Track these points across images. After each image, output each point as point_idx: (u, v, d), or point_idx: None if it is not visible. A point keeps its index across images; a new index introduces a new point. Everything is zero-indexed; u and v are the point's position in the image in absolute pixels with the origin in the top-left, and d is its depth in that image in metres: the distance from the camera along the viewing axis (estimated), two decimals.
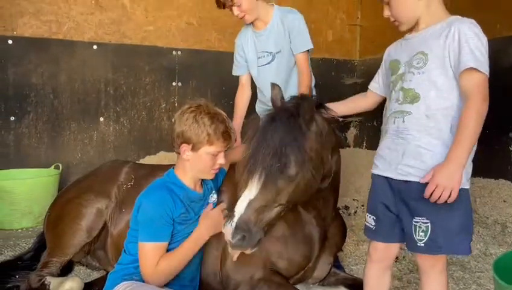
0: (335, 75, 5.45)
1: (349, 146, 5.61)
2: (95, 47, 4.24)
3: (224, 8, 2.53)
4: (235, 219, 1.61)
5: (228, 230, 1.61)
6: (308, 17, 2.76)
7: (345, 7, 5.52)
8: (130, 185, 2.40)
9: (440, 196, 1.51)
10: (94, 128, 4.29)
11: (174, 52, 4.57)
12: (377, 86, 1.97)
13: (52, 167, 3.86)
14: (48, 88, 4.08)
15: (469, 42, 1.55)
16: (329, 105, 1.92)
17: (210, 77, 4.70)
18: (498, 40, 3.59)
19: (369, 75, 2.03)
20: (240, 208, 1.63)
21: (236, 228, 1.59)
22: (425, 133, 1.63)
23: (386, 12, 1.76)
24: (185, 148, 1.86)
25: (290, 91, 2.64)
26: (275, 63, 2.66)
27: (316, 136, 1.75)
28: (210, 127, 1.83)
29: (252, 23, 2.65)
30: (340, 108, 2.00)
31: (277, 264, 2.03)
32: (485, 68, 1.54)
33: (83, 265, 2.56)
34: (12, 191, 3.39)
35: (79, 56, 4.19)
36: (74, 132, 4.20)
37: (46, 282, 2.20)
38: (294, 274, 2.09)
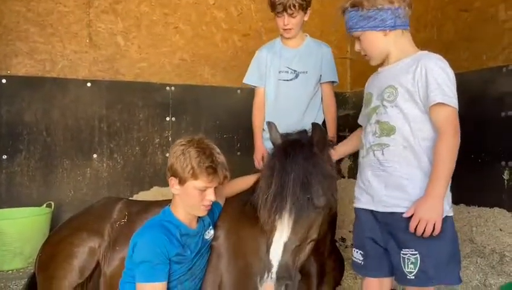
0: None
1: (343, 177, 5.60)
2: (88, 84, 4.26)
3: (280, 11, 2.52)
4: (274, 269, 1.45)
5: (269, 286, 1.43)
6: None
7: (335, 42, 5.63)
8: (124, 222, 2.35)
9: (425, 229, 1.52)
10: (87, 165, 4.25)
11: (167, 88, 4.60)
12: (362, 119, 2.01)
13: (44, 205, 3.80)
14: (41, 126, 4.06)
15: (436, 78, 1.59)
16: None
17: (203, 112, 4.72)
18: (485, 70, 3.66)
19: (361, 107, 2.05)
20: (277, 254, 1.48)
21: (278, 279, 1.44)
22: (405, 163, 1.65)
23: (357, 47, 1.82)
24: (173, 181, 1.84)
25: (308, 116, 2.71)
26: (298, 82, 2.70)
27: (328, 161, 1.73)
28: (195, 161, 1.79)
29: (282, 39, 2.75)
30: (345, 148, 2.07)
31: None
32: (453, 102, 1.58)
33: None
34: (3, 231, 3.32)
35: (72, 94, 4.20)
36: (67, 169, 4.16)
37: None
38: None
